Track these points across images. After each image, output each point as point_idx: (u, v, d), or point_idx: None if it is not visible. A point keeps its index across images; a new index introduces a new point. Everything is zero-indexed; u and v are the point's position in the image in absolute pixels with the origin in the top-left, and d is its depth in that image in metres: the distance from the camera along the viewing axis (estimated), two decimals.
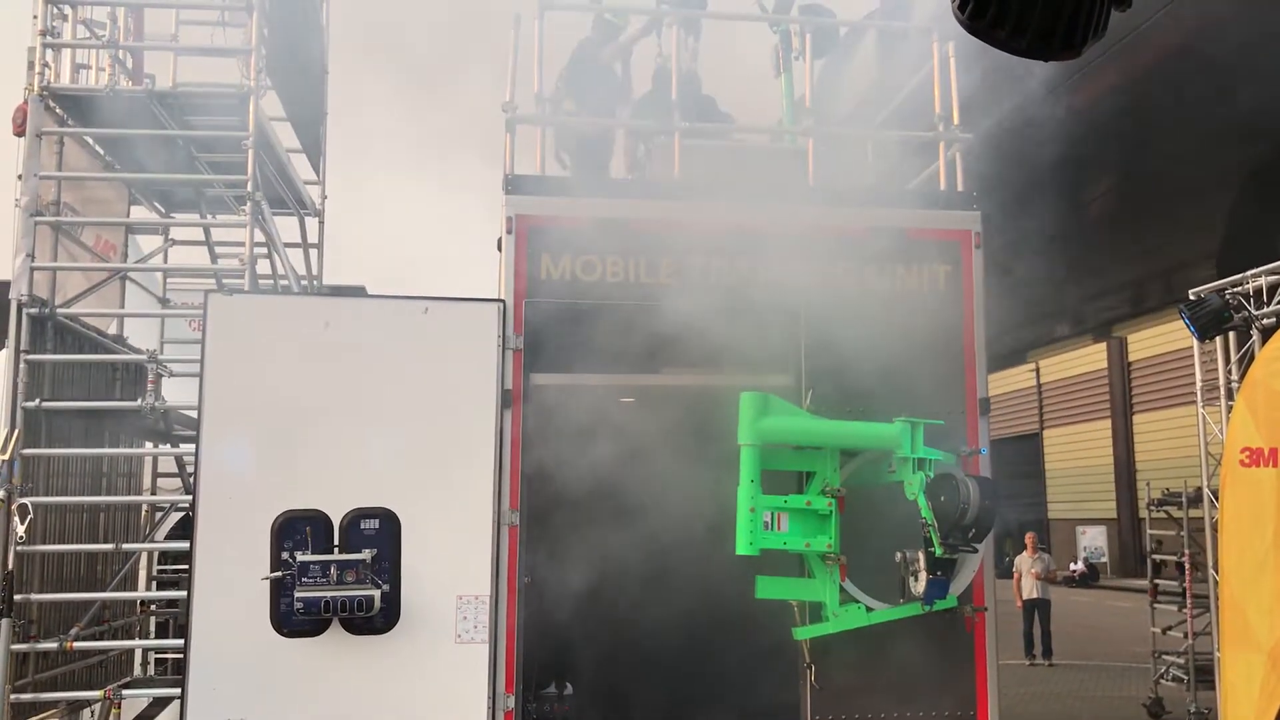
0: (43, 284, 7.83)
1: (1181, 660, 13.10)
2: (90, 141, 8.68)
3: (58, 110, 8.01)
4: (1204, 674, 12.19)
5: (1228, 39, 9.30)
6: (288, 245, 9.15)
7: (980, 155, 7.75)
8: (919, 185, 8.36)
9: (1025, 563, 17.84)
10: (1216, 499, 8.31)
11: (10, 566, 6.88)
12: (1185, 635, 13.06)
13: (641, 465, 7.00)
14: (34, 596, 7.32)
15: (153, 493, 9.80)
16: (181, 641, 6.36)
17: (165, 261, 9.96)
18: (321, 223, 10.24)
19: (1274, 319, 8.10)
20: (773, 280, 7.03)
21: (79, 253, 8.69)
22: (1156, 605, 14.35)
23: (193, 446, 6.52)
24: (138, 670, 9.78)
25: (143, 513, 9.44)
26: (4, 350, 7.41)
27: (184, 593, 6.42)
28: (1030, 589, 17.65)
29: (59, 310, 7.71)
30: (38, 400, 7.23)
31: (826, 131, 8.06)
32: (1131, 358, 34.21)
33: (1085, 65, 9.64)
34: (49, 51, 7.84)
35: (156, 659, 10.18)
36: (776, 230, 7.06)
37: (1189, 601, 13.05)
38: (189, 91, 8.28)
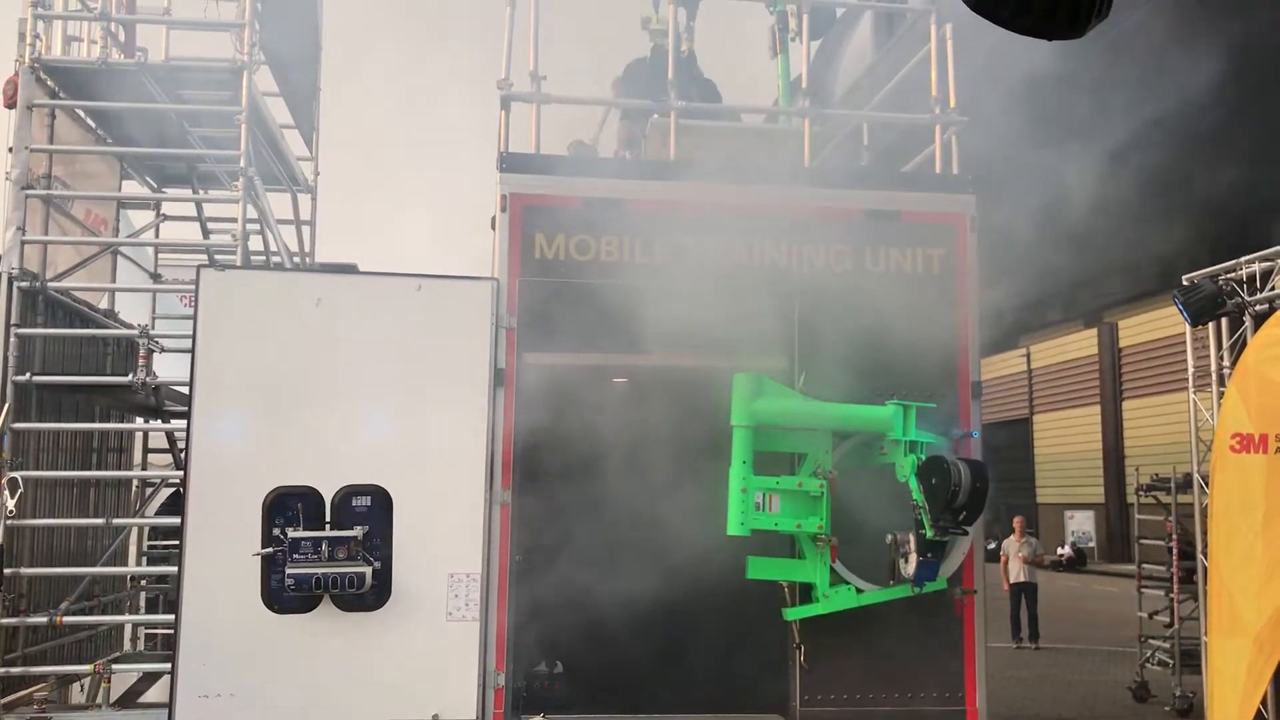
0: (33, 258, 7.77)
1: (1167, 644, 13.15)
2: (82, 115, 8.61)
3: (49, 82, 7.95)
4: (1189, 658, 12.26)
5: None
6: (280, 222, 9.10)
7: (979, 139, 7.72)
8: (915, 168, 8.33)
9: (1013, 546, 17.91)
10: (1206, 484, 8.33)
11: (0, 540, 6.86)
12: (1171, 620, 13.12)
13: (634, 445, 7.00)
14: (24, 571, 7.30)
15: (143, 468, 9.77)
16: (172, 617, 6.36)
17: (157, 236, 9.92)
18: (314, 199, 10.19)
19: (1267, 305, 8.11)
20: (767, 262, 7.02)
21: (70, 227, 8.63)
22: (1143, 590, 14.40)
23: (184, 422, 6.50)
24: (127, 645, 9.78)
25: (133, 488, 9.41)
26: None
27: (174, 568, 6.41)
28: (1017, 572, 17.73)
29: (50, 284, 7.67)
30: (28, 374, 7.20)
31: (822, 113, 8.02)
32: (1122, 344, 34.28)
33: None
34: (40, 23, 7.77)
35: (146, 634, 10.17)
36: (771, 212, 7.05)
37: (1175, 586, 13.11)
38: (182, 65, 8.22)
